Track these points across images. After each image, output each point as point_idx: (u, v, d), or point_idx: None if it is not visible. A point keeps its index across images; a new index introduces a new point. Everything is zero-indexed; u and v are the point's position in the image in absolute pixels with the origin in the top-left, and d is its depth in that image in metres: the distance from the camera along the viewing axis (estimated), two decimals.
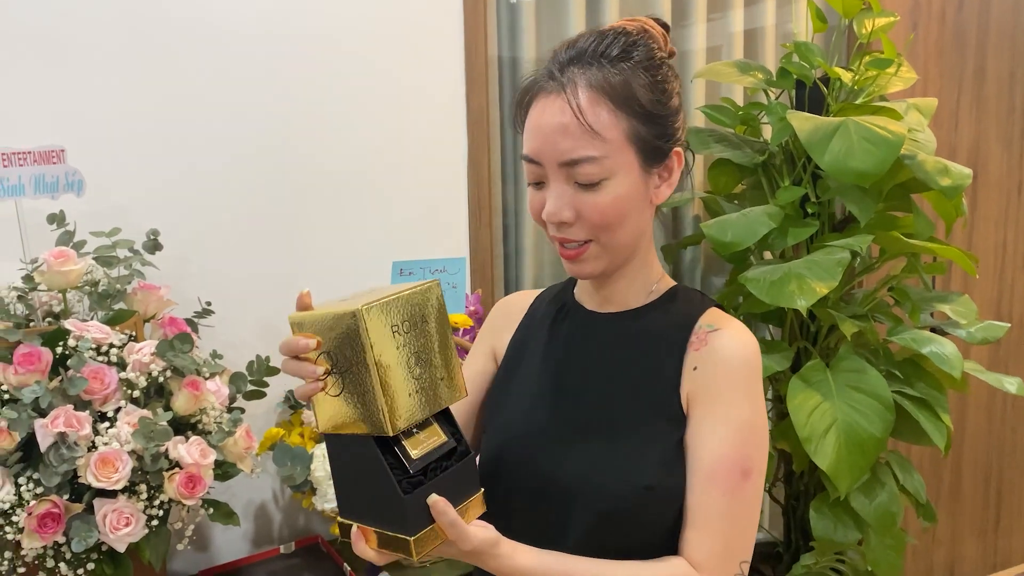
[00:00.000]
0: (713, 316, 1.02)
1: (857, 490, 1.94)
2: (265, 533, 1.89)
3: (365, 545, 0.88)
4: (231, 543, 1.84)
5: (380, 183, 1.92)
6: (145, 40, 1.65)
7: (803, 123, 1.84)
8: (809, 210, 2.02)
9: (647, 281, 1.05)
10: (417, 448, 0.87)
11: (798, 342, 2.10)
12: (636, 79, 0.96)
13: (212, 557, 1.81)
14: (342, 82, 1.85)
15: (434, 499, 0.84)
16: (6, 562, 1.27)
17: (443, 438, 0.89)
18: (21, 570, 1.28)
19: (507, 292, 2.21)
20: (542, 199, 0.98)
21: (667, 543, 0.97)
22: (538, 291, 1.21)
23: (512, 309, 1.19)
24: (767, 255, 2.18)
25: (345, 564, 1.69)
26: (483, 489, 0.92)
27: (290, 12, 1.79)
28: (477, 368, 1.17)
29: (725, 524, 0.94)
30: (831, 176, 1.89)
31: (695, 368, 0.98)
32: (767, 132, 2.16)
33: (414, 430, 0.87)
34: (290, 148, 1.82)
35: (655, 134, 0.97)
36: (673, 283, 1.08)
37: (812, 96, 2.03)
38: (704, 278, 2.47)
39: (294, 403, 1.85)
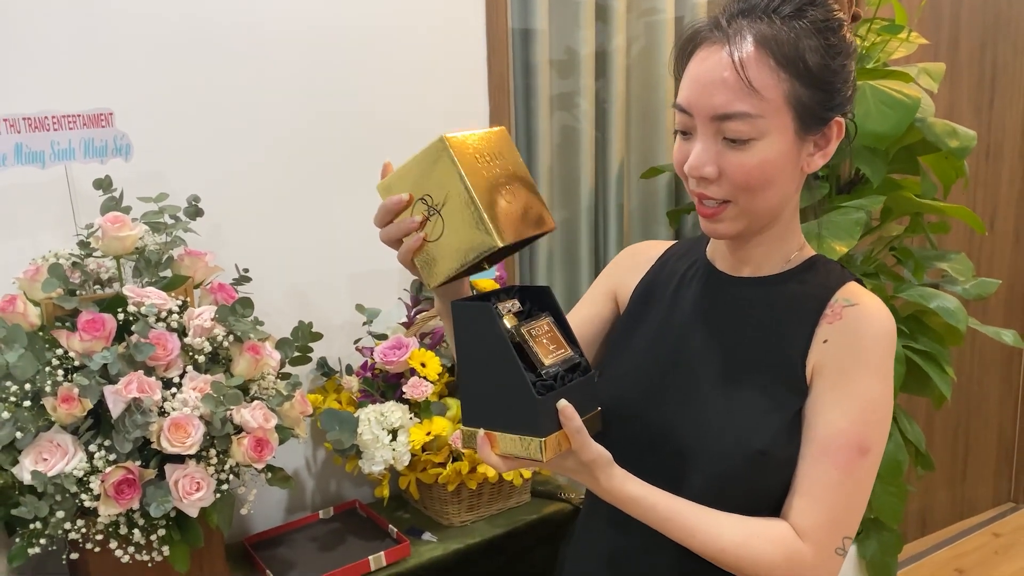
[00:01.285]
0: (851, 290, 0.99)
1: None
2: (298, 500, 1.89)
3: (490, 450, 0.91)
4: (265, 510, 1.84)
5: (408, 152, 1.91)
6: (174, 10, 1.61)
7: None
8: (820, 173, 2.09)
9: (787, 249, 1.03)
10: (548, 357, 0.91)
11: None
12: (807, 40, 0.91)
13: (248, 525, 1.80)
14: (375, 53, 1.84)
15: (563, 404, 0.88)
16: (76, 531, 1.26)
17: (569, 352, 0.94)
18: (98, 537, 1.26)
19: (528, 258, 2.24)
20: (687, 151, 0.96)
21: (774, 510, 0.97)
22: (668, 243, 1.19)
23: (639, 256, 1.18)
24: None
25: (391, 526, 1.71)
26: (600, 408, 0.96)
27: None
28: (595, 310, 1.17)
29: (835, 497, 0.93)
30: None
31: (825, 341, 0.96)
32: None
33: (544, 340, 0.91)
34: (321, 117, 1.80)
35: (817, 100, 0.92)
36: (813, 253, 1.05)
37: None
38: None
39: (326, 370, 1.85)
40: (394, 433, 1.66)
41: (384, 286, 1.92)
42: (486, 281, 1.92)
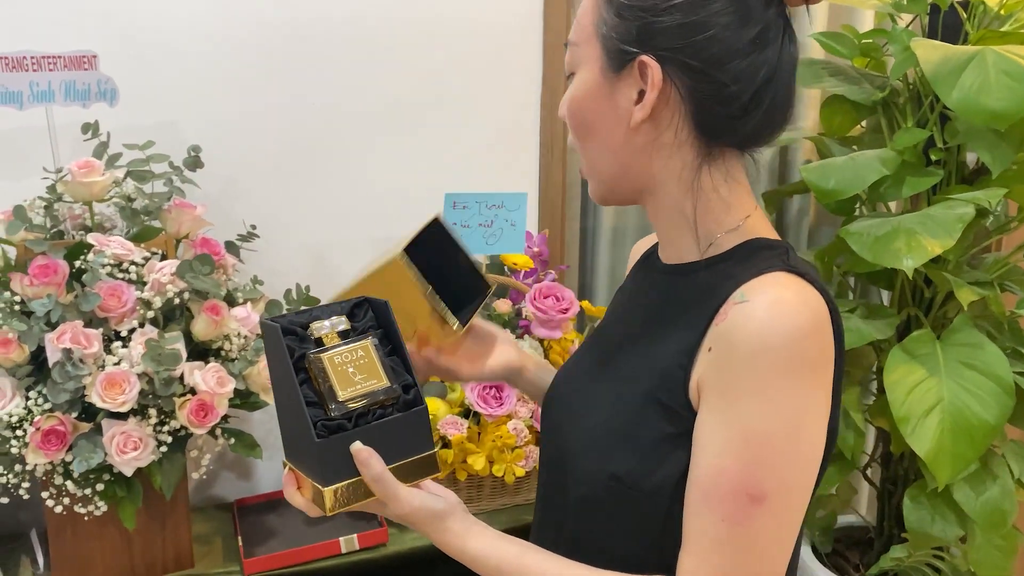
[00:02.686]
0: (759, 283, 0.74)
1: (962, 481, 1.69)
2: None
3: (294, 491, 0.80)
4: (275, 473, 1.80)
5: (444, 110, 1.79)
6: None
7: (930, 52, 1.56)
8: (933, 157, 1.74)
9: (705, 232, 0.82)
10: (347, 389, 0.76)
11: (908, 309, 1.84)
12: None
13: (254, 486, 1.77)
14: (405, 2, 1.71)
15: (356, 447, 0.75)
16: (15, 476, 1.25)
17: (383, 381, 0.78)
18: (26, 485, 1.25)
19: (582, 236, 2.04)
20: None
21: (651, 553, 0.79)
22: None
23: (633, 256, 1.03)
24: (881, 208, 1.91)
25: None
26: (436, 451, 0.80)
27: None
28: None
29: (725, 556, 0.72)
30: (961, 117, 1.61)
31: (709, 349, 0.75)
32: (892, 65, 1.87)
33: (350, 369, 0.76)
34: (347, 70, 1.71)
35: (618, 28, 0.77)
36: (752, 236, 0.82)
37: (948, 23, 1.73)
38: (813, 231, 2.22)
39: None
40: None
41: None
42: (519, 256, 1.76)
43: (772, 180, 2.15)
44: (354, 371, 0.77)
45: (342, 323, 0.81)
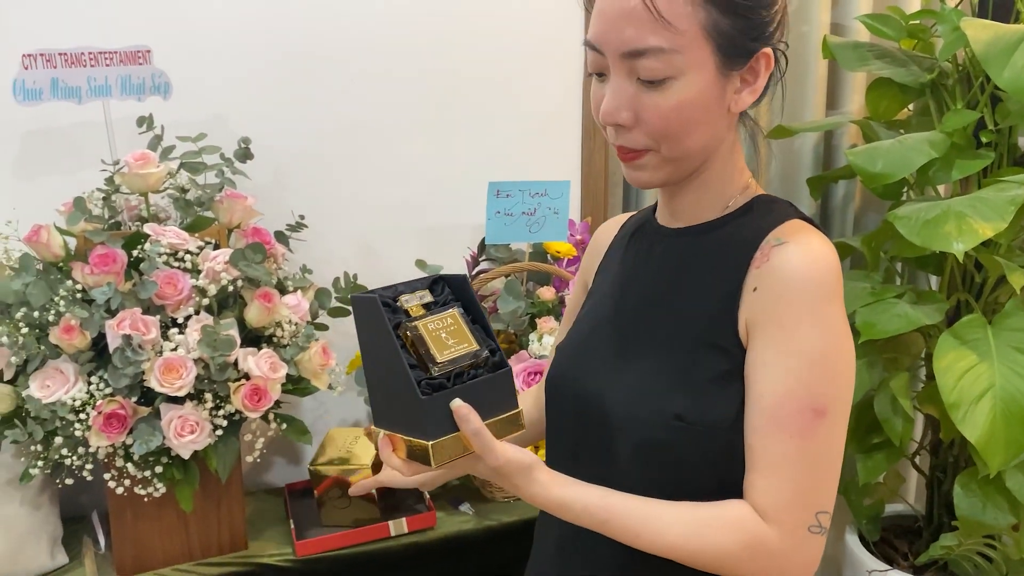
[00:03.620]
0: (786, 229, 0.85)
1: (1015, 468, 1.67)
2: None
3: (391, 453, 0.86)
4: None
5: (487, 99, 1.80)
6: None
7: (980, 32, 1.54)
8: (984, 139, 1.71)
9: (724, 193, 0.91)
10: (443, 353, 0.83)
11: (958, 294, 1.82)
12: None
13: (303, 471, 1.81)
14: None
15: (457, 404, 0.80)
16: (79, 458, 1.30)
17: (473, 346, 0.85)
18: (89, 467, 1.30)
19: None
20: (601, 94, 0.85)
21: (713, 483, 0.85)
22: (628, 215, 1.08)
23: (600, 239, 1.09)
24: (929, 192, 1.89)
25: (427, 492, 1.64)
26: (521, 408, 0.86)
27: None
28: (574, 307, 1.10)
29: (797, 470, 0.80)
30: (1013, 97, 1.58)
31: (755, 289, 0.83)
32: (940, 46, 1.84)
33: (443, 335, 0.84)
34: (392, 62, 1.73)
35: (740, 29, 0.82)
36: (760, 192, 0.93)
37: (998, 2, 1.70)
38: (859, 217, 2.19)
39: None
40: None
41: (453, 242, 1.82)
42: (562, 244, 1.77)
43: (816, 166, 2.13)
44: (447, 336, 0.84)
45: (427, 296, 0.88)
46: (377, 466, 1.57)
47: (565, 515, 0.85)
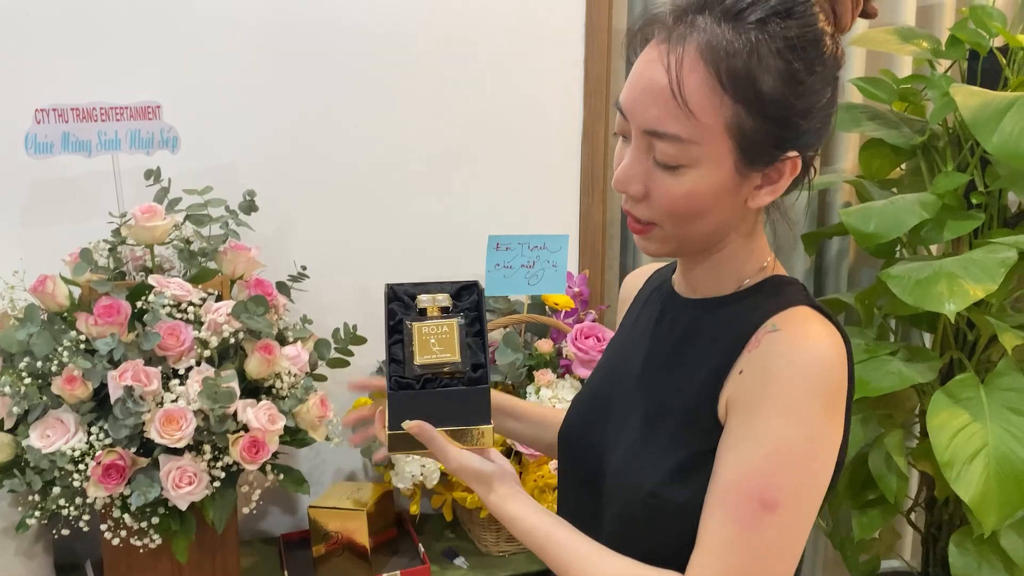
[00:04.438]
0: (787, 316, 0.82)
1: (1009, 527, 1.67)
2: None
3: (380, 427, 0.93)
4: None
5: (487, 153, 1.84)
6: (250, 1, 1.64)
7: (969, 98, 1.58)
8: (974, 201, 1.75)
9: (738, 273, 0.89)
10: (424, 357, 0.89)
11: (951, 352, 1.84)
12: (767, 58, 0.76)
13: (299, 521, 1.80)
14: (451, 47, 1.78)
15: (408, 424, 0.86)
16: (76, 508, 1.30)
17: (456, 357, 0.90)
18: (86, 517, 1.30)
19: (622, 276, 2.07)
20: (622, 157, 0.85)
21: (684, 561, 0.82)
22: (660, 265, 1.08)
23: (627, 290, 1.09)
24: (922, 251, 1.92)
25: (419, 545, 1.64)
26: (491, 426, 0.90)
27: None
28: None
29: (733, 557, 0.77)
30: (1001, 162, 1.62)
31: (741, 372, 0.81)
32: (931, 110, 1.89)
33: (431, 340, 0.90)
34: (394, 114, 1.76)
35: (766, 133, 0.78)
36: (776, 273, 0.90)
37: (987, 69, 1.75)
38: (853, 273, 2.22)
39: None
40: None
41: None
42: (560, 296, 1.79)
43: (811, 222, 2.16)
44: (435, 342, 0.90)
45: (445, 300, 0.94)
46: (372, 514, 1.58)
47: (513, 530, 0.87)
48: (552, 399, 1.63)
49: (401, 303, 0.94)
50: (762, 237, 0.90)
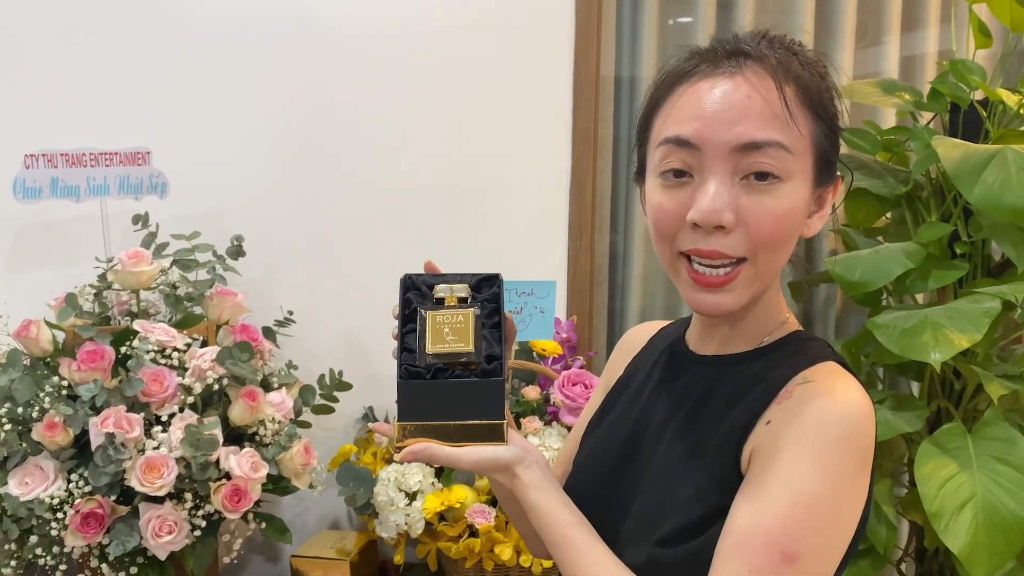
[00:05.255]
0: (818, 370, 0.80)
1: None
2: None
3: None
4: None
5: (474, 198, 1.85)
6: (236, 47, 1.66)
7: (950, 151, 1.60)
8: (958, 251, 1.76)
9: (764, 326, 0.87)
10: (436, 345, 0.85)
11: (938, 400, 1.84)
12: (821, 79, 0.82)
13: (281, 570, 1.78)
14: (438, 93, 1.80)
15: (406, 451, 0.82)
16: (52, 558, 1.28)
17: (470, 347, 0.85)
18: (63, 567, 1.28)
19: (610, 322, 2.07)
20: (684, 199, 0.79)
21: None
22: (665, 322, 1.07)
23: (631, 342, 1.07)
24: (908, 299, 1.93)
25: None
26: (505, 422, 0.85)
27: (391, 21, 1.75)
28: (591, 408, 1.06)
29: None
30: (983, 212, 1.64)
31: (768, 422, 0.78)
32: (914, 161, 1.92)
33: (445, 329, 0.86)
34: (383, 163, 1.78)
35: (830, 150, 0.82)
36: (797, 328, 0.88)
37: (968, 121, 1.78)
38: (839, 321, 2.23)
39: (371, 420, 1.79)
40: (414, 496, 1.56)
41: None
42: (548, 342, 1.79)
43: (798, 270, 2.17)
44: (449, 332, 0.86)
45: (463, 291, 0.90)
46: (356, 563, 1.56)
47: (533, 521, 0.84)
48: (540, 447, 1.62)
49: (418, 292, 0.91)
50: (778, 290, 0.89)
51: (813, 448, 0.74)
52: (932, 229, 1.73)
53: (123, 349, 1.36)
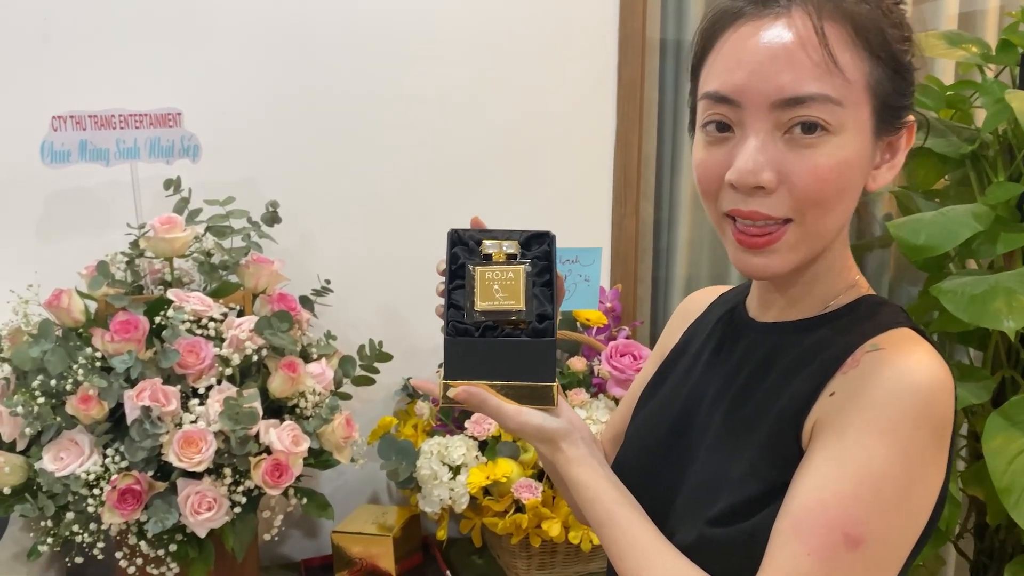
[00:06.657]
0: (889, 337, 0.73)
1: None
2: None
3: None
4: None
5: (516, 164, 1.77)
6: (271, 4, 1.58)
7: None
8: None
9: (830, 290, 0.81)
10: (485, 302, 0.82)
11: (1003, 371, 1.75)
12: (883, 15, 0.73)
13: (321, 546, 1.73)
14: (480, 55, 1.71)
15: (453, 392, 0.80)
16: (90, 535, 1.24)
17: (520, 305, 0.82)
18: (100, 544, 1.23)
19: (655, 290, 2.00)
20: (724, 156, 0.74)
21: None
22: (725, 288, 1.00)
23: (690, 308, 1.01)
24: (971, 264, 1.84)
25: (447, 572, 1.56)
26: (555, 384, 0.82)
27: None
28: (644, 374, 1.01)
29: None
30: None
31: (832, 393, 0.72)
32: (980, 117, 1.81)
33: (495, 286, 0.83)
34: (423, 126, 1.70)
35: (895, 92, 0.73)
36: (866, 292, 0.82)
37: None
38: (893, 288, 2.14)
39: (411, 392, 1.74)
40: (457, 471, 1.51)
41: None
42: (592, 312, 1.72)
43: (851, 234, 2.08)
44: (498, 288, 0.83)
45: (512, 247, 0.87)
46: (398, 539, 1.52)
47: (576, 497, 0.81)
48: (586, 420, 1.55)
49: (465, 247, 0.87)
50: (846, 250, 0.81)
51: (882, 422, 0.68)
52: (1001, 189, 1.64)
53: (157, 319, 1.30)
